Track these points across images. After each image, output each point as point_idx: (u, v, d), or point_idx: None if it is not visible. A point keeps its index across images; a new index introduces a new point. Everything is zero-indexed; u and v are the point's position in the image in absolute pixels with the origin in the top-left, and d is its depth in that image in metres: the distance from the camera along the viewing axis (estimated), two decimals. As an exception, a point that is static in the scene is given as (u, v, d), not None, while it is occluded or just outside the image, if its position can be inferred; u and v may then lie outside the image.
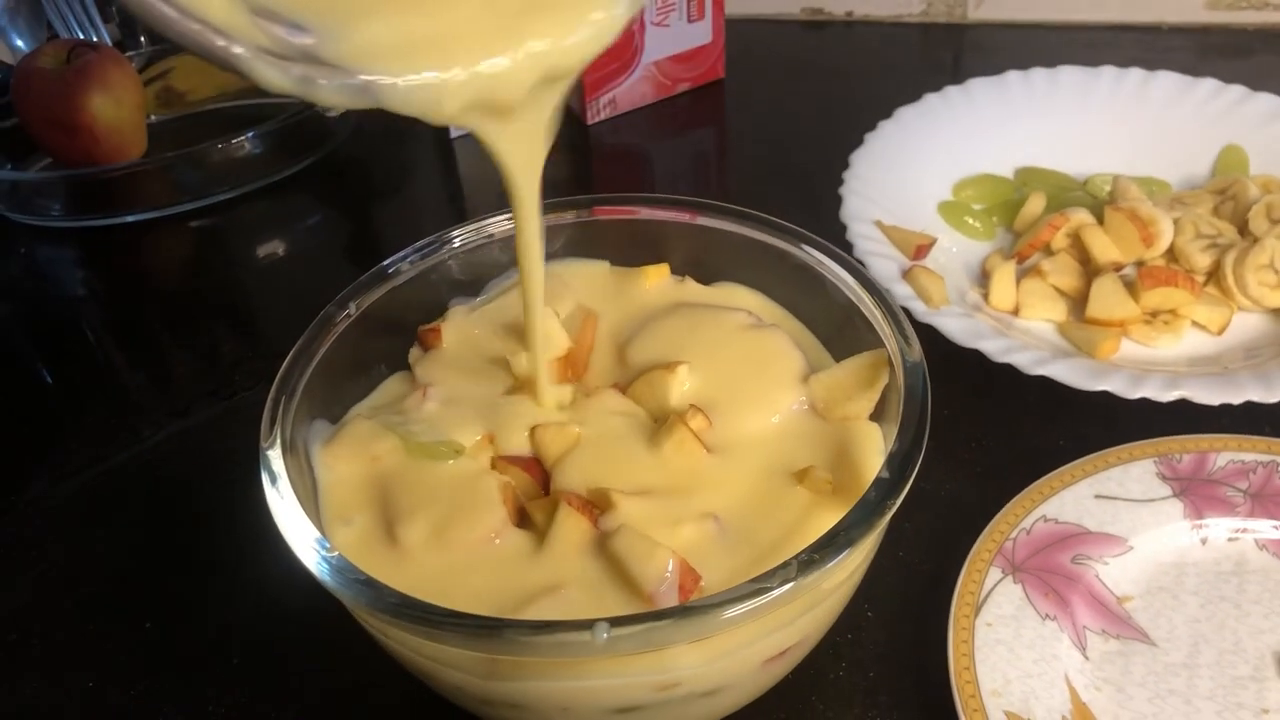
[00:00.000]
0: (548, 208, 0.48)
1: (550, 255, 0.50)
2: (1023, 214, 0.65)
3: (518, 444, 0.41)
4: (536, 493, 0.40)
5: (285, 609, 0.46)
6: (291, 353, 0.42)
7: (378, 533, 0.38)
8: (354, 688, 0.45)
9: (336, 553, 0.34)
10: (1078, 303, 0.60)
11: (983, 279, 0.62)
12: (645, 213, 0.49)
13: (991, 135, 0.71)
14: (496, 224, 0.48)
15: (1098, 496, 0.48)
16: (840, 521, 0.34)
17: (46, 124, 0.76)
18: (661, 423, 0.41)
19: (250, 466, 0.37)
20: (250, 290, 0.74)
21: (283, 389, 0.40)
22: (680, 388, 0.42)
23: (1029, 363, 0.52)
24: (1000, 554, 0.45)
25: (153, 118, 0.87)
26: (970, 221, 0.66)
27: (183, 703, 0.45)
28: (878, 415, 0.42)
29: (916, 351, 0.39)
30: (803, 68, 0.91)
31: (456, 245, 0.47)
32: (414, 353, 0.46)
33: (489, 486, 0.39)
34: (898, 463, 0.35)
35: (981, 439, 0.54)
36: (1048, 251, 0.62)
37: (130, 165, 0.78)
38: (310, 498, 0.40)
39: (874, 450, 0.40)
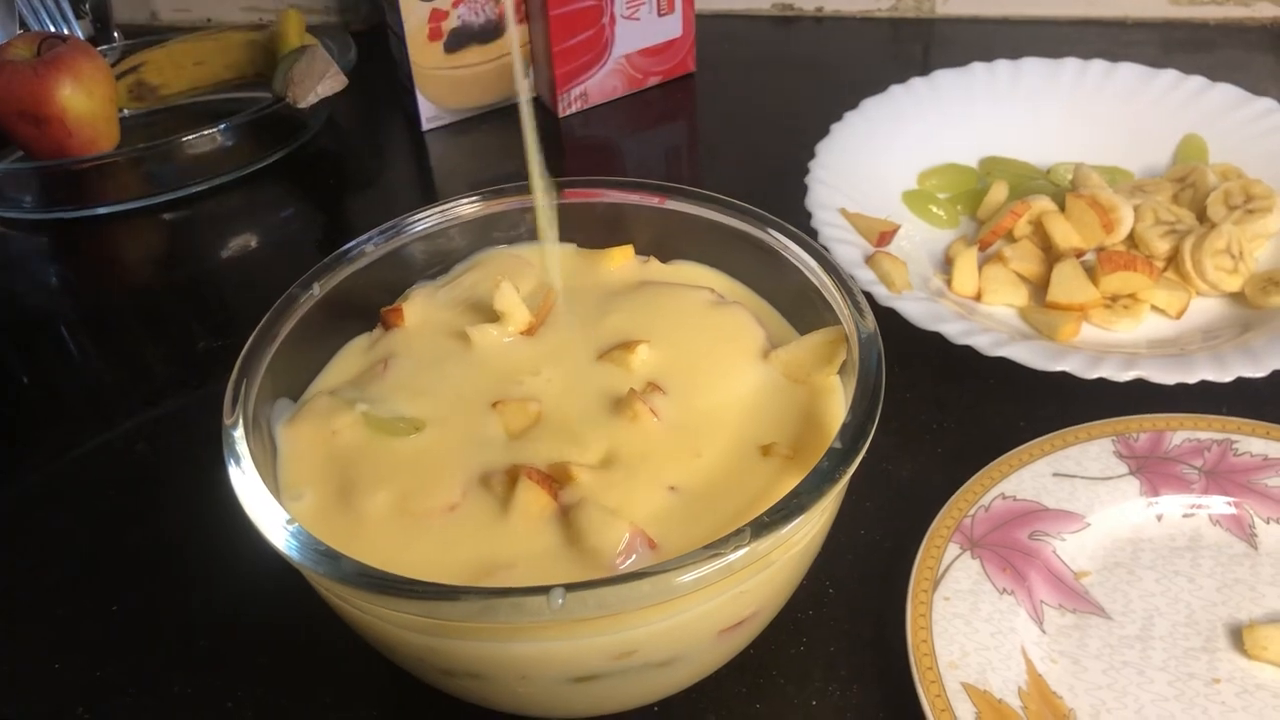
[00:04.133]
0: (517, 191, 0.49)
1: (517, 238, 0.50)
2: (986, 202, 0.66)
3: (479, 420, 0.41)
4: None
5: (251, 589, 0.47)
6: (255, 332, 0.42)
7: (329, 506, 0.39)
8: (321, 666, 0.45)
9: (296, 525, 0.34)
10: (1039, 288, 0.60)
11: (946, 266, 0.63)
12: (614, 196, 0.50)
13: (956, 126, 0.71)
14: (460, 207, 0.49)
15: (1056, 474, 0.48)
16: (794, 489, 0.34)
17: (17, 116, 0.76)
18: (622, 399, 0.41)
19: (217, 450, 0.38)
20: (223, 282, 0.74)
21: (245, 368, 0.41)
22: (641, 365, 0.43)
23: (989, 345, 0.53)
24: (959, 530, 0.46)
25: (125, 112, 0.87)
26: (935, 210, 0.66)
27: (149, 685, 0.46)
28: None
29: (870, 324, 0.40)
30: (773, 62, 0.92)
31: (420, 228, 0.48)
32: (377, 333, 0.47)
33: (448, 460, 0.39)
34: (850, 433, 0.36)
35: (942, 420, 0.54)
36: (1010, 238, 0.63)
37: (102, 157, 0.78)
38: (272, 475, 0.40)
39: (841, 414, 0.41)
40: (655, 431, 0.40)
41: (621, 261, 0.49)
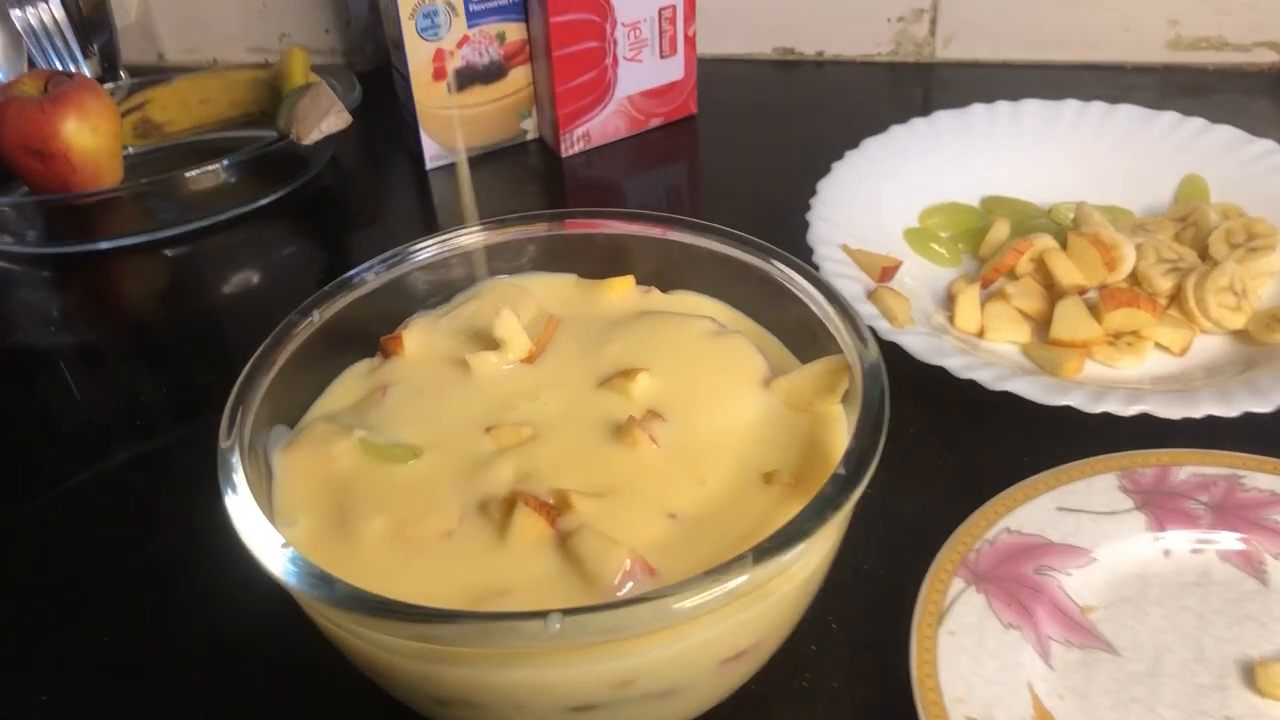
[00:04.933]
0: (520, 220, 0.49)
1: (518, 268, 0.50)
2: (988, 240, 0.66)
3: (478, 447, 0.41)
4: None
5: (245, 617, 0.46)
6: (253, 358, 0.42)
7: (324, 531, 0.38)
8: (315, 695, 0.45)
9: (291, 549, 0.34)
10: (1042, 325, 0.60)
11: (948, 303, 0.63)
12: (615, 227, 0.50)
13: (957, 166, 0.72)
14: (461, 237, 0.48)
15: (1060, 509, 0.48)
16: (797, 515, 0.34)
17: (23, 151, 0.76)
18: (621, 426, 0.41)
19: (212, 482, 0.37)
20: (224, 318, 0.74)
21: (242, 394, 0.41)
22: (641, 393, 0.42)
23: (992, 379, 0.53)
24: (964, 564, 0.45)
25: (130, 149, 0.87)
26: (936, 248, 0.66)
27: (142, 712, 0.45)
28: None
29: (873, 352, 0.40)
30: (774, 105, 0.92)
31: (421, 257, 0.48)
32: (376, 360, 0.46)
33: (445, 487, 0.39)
34: (855, 459, 0.35)
35: (946, 455, 0.54)
36: (1012, 276, 0.63)
37: (105, 192, 0.78)
38: (267, 501, 0.39)
39: (843, 443, 0.40)
40: (655, 459, 0.40)
41: (622, 291, 0.49)
